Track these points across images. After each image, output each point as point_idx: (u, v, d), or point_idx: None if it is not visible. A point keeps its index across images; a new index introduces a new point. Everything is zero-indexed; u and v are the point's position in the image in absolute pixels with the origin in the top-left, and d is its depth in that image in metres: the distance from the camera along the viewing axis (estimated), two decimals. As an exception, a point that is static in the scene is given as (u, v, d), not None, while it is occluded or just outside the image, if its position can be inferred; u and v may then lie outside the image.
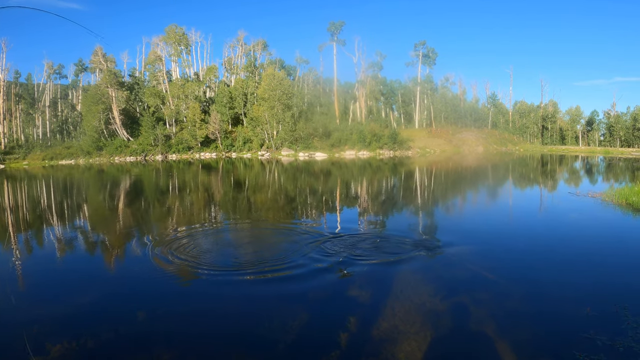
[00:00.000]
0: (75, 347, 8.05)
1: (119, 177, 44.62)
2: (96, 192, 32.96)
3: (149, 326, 9.10)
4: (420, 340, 8.47)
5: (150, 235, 17.18)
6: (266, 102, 76.59)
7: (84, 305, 10.06)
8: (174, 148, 73.86)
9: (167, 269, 12.47)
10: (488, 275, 12.18)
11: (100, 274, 12.82)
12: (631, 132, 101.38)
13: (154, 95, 79.96)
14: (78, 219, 22.28)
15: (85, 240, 17.37)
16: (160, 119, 76.54)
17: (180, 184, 37.93)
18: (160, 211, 23.95)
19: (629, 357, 7.56)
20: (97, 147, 69.87)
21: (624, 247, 15.33)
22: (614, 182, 34.66)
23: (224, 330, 8.98)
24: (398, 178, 44.96)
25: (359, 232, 18.29)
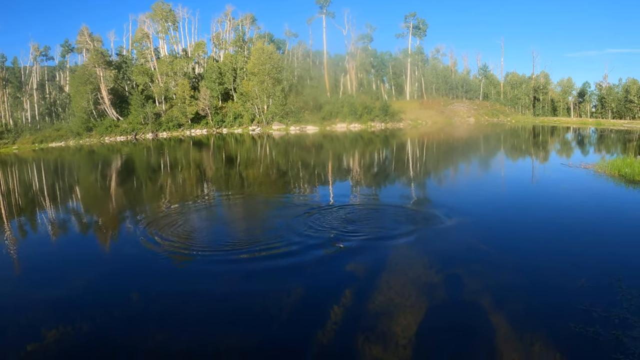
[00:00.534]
0: (71, 331, 8.01)
1: (110, 157, 44.28)
2: (87, 173, 32.76)
3: (143, 307, 9.09)
4: (415, 313, 8.50)
5: (143, 215, 17.11)
6: (256, 76, 75.91)
7: (78, 288, 10.00)
8: (164, 126, 73.29)
9: (160, 249, 12.39)
10: (482, 246, 12.22)
11: (93, 255, 12.72)
12: (623, 103, 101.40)
13: (142, 73, 79.05)
14: (70, 201, 22.16)
15: (78, 222, 17.29)
16: (150, 97, 75.71)
17: (172, 161, 37.70)
18: (152, 190, 23.87)
19: (625, 328, 7.58)
20: (87, 128, 69.10)
21: (617, 218, 15.37)
22: (605, 154, 34.66)
23: (218, 309, 8.94)
24: (390, 150, 44.93)
25: (352, 204, 18.33)
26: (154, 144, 56.57)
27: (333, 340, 7.70)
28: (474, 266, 10.80)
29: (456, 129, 73.07)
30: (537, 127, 77.68)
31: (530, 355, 7.07)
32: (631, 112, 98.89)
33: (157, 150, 49.81)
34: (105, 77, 74.79)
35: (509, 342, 7.43)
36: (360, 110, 79.41)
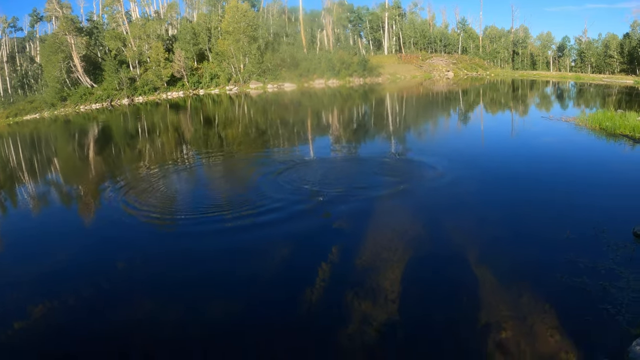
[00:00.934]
0: (57, 306, 7.93)
1: (86, 125, 43.25)
2: (64, 144, 32.05)
3: (128, 276, 9.02)
4: (403, 268, 8.59)
5: (123, 182, 16.80)
6: (231, 35, 74.59)
7: (62, 261, 9.86)
8: (140, 90, 72.00)
9: (143, 216, 12.24)
10: (467, 200, 12.35)
11: (75, 227, 12.56)
12: (602, 58, 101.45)
13: (114, 38, 77.17)
14: (48, 174, 21.70)
15: (58, 194, 17.02)
16: (123, 62, 74.12)
17: (149, 126, 37.08)
18: (130, 156, 23.52)
19: (611, 279, 7.71)
20: (61, 98, 67.47)
21: (600, 171, 15.59)
22: (585, 108, 34.80)
23: (204, 274, 8.91)
24: (369, 105, 44.80)
25: (332, 158, 18.46)
26: (130, 109, 55.58)
27: (322, 298, 7.76)
28: (459, 220, 10.93)
29: (435, 83, 72.81)
30: (516, 81, 77.73)
31: (519, 306, 7.16)
32: (610, 67, 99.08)
33: (134, 115, 48.83)
34: (77, 45, 72.87)
35: (497, 294, 7.55)
36: (338, 66, 78.51)
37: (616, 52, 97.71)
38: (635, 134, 20.97)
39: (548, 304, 7.11)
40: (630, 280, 7.63)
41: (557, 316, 6.79)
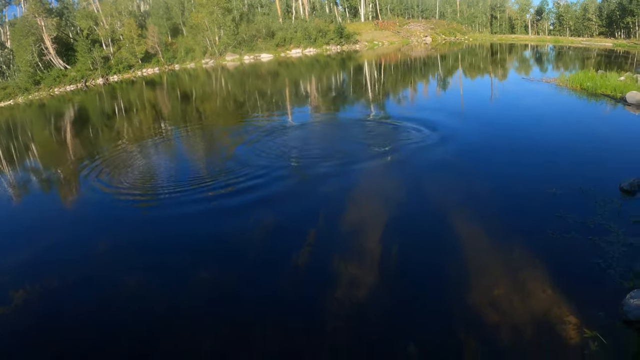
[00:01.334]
0: (38, 290, 7.80)
1: (61, 108, 42.36)
2: (39, 129, 31.31)
3: (110, 256, 8.81)
4: (388, 229, 8.61)
5: (100, 162, 16.26)
6: (204, 8, 73.52)
7: (44, 249, 9.53)
8: (114, 69, 70.90)
9: (121, 195, 12.02)
10: (453, 161, 12.38)
11: (52, 210, 12.26)
12: (581, 21, 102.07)
13: (85, 17, 75.72)
14: (26, 159, 20.96)
15: (38, 179, 16.51)
16: (96, 41, 72.78)
17: (126, 104, 36.30)
18: (107, 136, 22.99)
19: (600, 234, 7.71)
20: (35, 82, 66.10)
21: (584, 129, 15.64)
22: (565, 70, 34.77)
23: (187, 251, 8.70)
24: (347, 72, 44.62)
25: (312, 123, 18.46)
26: (105, 89, 54.65)
27: (308, 264, 7.73)
28: (447, 179, 11.05)
29: (413, 49, 72.61)
30: (494, 45, 77.79)
31: (510, 263, 7.17)
32: (589, 30, 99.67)
33: (109, 94, 48.14)
34: (48, 26, 71.30)
35: (488, 252, 7.56)
36: (315, 34, 77.81)
37: (595, 16, 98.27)
38: (616, 94, 20.99)
39: (539, 260, 7.11)
40: (619, 235, 7.65)
41: (549, 272, 6.78)
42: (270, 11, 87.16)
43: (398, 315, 6.30)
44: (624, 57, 48.66)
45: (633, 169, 10.55)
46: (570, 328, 5.60)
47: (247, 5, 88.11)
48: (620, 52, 56.76)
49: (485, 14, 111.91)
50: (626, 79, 23.25)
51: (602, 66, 34.68)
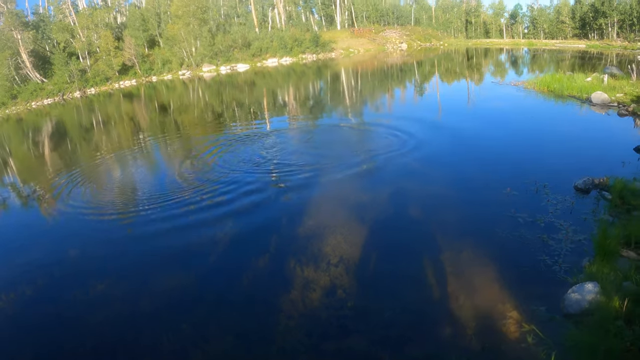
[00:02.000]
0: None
1: (39, 122, 41.74)
2: (18, 143, 31.01)
3: (77, 272, 8.79)
4: (345, 232, 8.82)
5: (80, 175, 16.11)
6: (180, 19, 73.37)
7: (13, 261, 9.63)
8: (91, 81, 70.36)
9: (94, 210, 11.93)
10: (413, 164, 12.70)
11: (27, 226, 12.00)
12: (554, 24, 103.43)
13: (62, 30, 75.13)
14: (3, 175, 21.00)
15: (17, 196, 15.84)
16: (73, 54, 72.25)
17: (103, 117, 36.02)
18: (85, 149, 22.72)
19: (550, 231, 8.04)
20: (12, 96, 65.30)
21: (546, 130, 16.06)
22: (539, 73, 35.38)
23: (157, 266, 8.67)
24: (323, 81, 44.84)
25: (285, 131, 18.78)
26: (83, 102, 54.04)
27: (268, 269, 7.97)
28: (405, 182, 11.29)
29: (389, 56, 73.12)
30: (470, 50, 78.50)
31: (459, 262, 7.43)
32: (563, 32, 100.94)
33: (87, 107, 47.71)
34: (24, 40, 70.63)
35: (438, 251, 7.81)
36: (291, 43, 78.10)
37: (568, 18, 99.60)
38: (582, 95, 21.49)
39: (487, 258, 7.40)
40: (568, 232, 7.97)
41: (496, 270, 7.07)
42: (247, 21, 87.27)
43: (350, 312, 6.55)
44: (597, 58, 49.56)
45: (590, 168, 10.98)
46: (510, 323, 5.87)
47: (223, 15, 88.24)
48: (593, 53, 57.76)
49: (460, 19, 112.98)
50: (592, 80, 23.86)
51: (576, 68, 35.41)
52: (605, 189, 9.64)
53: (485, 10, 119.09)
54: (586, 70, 31.01)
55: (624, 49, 62.92)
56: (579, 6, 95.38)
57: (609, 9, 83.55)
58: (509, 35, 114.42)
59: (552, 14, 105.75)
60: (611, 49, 63.57)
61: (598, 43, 76.97)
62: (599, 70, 30.58)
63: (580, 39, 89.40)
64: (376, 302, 6.72)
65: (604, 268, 6.58)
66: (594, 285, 6.06)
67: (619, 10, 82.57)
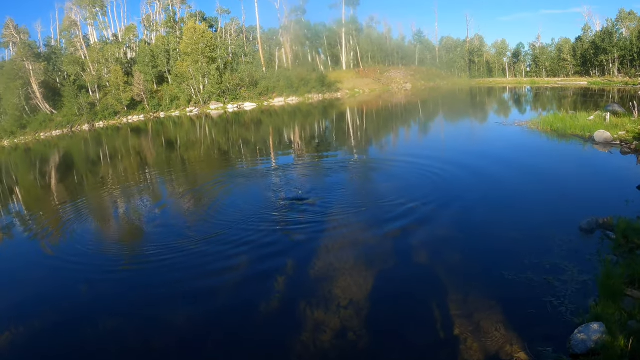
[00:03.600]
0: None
1: (47, 153, 42.14)
2: (25, 173, 31.25)
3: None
4: (354, 275, 8.84)
5: (83, 210, 16.35)
6: (189, 57, 74.47)
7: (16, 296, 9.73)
8: (100, 115, 70.97)
9: (104, 249, 11.82)
10: (419, 207, 12.58)
11: (31, 260, 11.82)
12: (556, 62, 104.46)
13: (73, 63, 76.20)
14: (10, 204, 20.51)
15: (21, 224, 16.10)
16: (83, 87, 73.03)
17: (111, 151, 36.32)
18: (92, 182, 22.83)
19: (556, 273, 8.09)
20: (21, 126, 65.80)
21: (550, 170, 16.11)
22: (542, 111, 35.66)
23: (165, 307, 8.78)
24: (330, 120, 45.12)
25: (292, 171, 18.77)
26: (91, 135, 54.54)
27: (277, 309, 7.97)
28: (411, 226, 11.23)
29: (394, 96, 73.81)
30: (473, 89, 79.32)
31: (466, 305, 7.45)
32: (565, 70, 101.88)
33: (95, 141, 47.99)
34: (35, 71, 71.59)
35: (446, 294, 7.83)
36: (297, 83, 78.96)
37: (569, 55, 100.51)
38: (585, 134, 21.72)
39: (494, 301, 7.42)
40: (574, 273, 8.02)
41: (502, 312, 7.11)
42: (254, 60, 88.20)
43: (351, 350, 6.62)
44: (599, 94, 49.88)
45: (594, 207, 11.06)
46: (518, 364, 5.87)
47: (231, 54, 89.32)
48: (595, 90, 58.26)
49: (464, 58, 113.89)
50: (595, 118, 24.14)
51: (578, 105, 35.75)
52: (610, 228, 9.71)
53: (488, 50, 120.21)
54: (588, 108, 31.30)
55: (625, 84, 63.68)
56: (579, 44, 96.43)
57: (609, 46, 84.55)
58: (512, 73, 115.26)
59: (554, 52, 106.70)
60: (613, 85, 64.29)
61: (600, 80, 77.89)
62: (601, 107, 30.84)
63: (582, 76, 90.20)
64: (384, 344, 6.80)
65: (609, 308, 6.63)
66: (599, 325, 6.12)
67: (619, 46, 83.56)
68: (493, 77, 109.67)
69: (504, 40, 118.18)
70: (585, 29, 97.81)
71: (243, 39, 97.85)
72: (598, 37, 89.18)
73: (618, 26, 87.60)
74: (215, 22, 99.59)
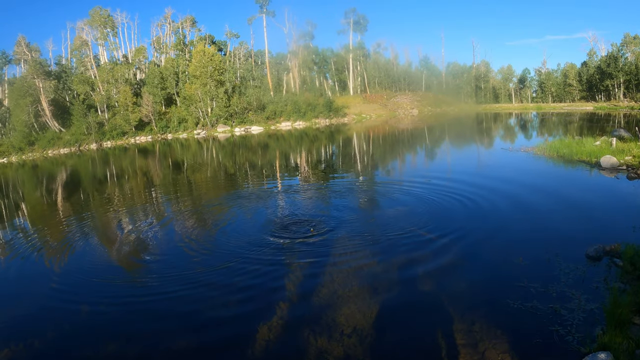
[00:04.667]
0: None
1: (54, 170, 42.32)
2: (31, 190, 31.43)
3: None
4: (359, 303, 8.74)
5: (87, 229, 16.45)
6: (198, 79, 75.20)
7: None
8: (108, 135, 71.48)
9: (92, 269, 11.80)
10: (424, 234, 12.46)
11: (41, 276, 11.86)
12: (562, 87, 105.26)
13: (82, 82, 77.05)
14: (16, 220, 20.73)
15: (25, 242, 15.72)
16: (92, 106, 73.69)
17: (118, 171, 36.57)
18: (98, 202, 22.85)
19: (562, 301, 8.00)
20: (29, 142, 66.32)
21: (556, 196, 15.98)
22: (548, 137, 35.82)
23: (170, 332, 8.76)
24: (336, 145, 45.17)
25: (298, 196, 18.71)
26: (98, 155, 54.84)
27: (280, 336, 7.89)
28: (416, 252, 11.15)
29: (400, 121, 74.06)
30: (480, 115, 79.53)
31: (471, 334, 7.35)
32: (570, 95, 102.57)
33: (102, 160, 48.13)
34: (45, 88, 72.34)
35: (451, 323, 7.74)
36: (304, 107, 79.57)
37: (575, 81, 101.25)
38: (591, 159, 21.77)
39: (500, 330, 7.35)
40: (581, 301, 7.94)
41: (508, 341, 7.05)
42: (262, 84, 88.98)
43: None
44: (605, 119, 50.13)
45: (601, 234, 11.03)
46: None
47: (239, 78, 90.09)
48: (601, 114, 58.47)
49: (470, 84, 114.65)
50: (601, 144, 24.21)
51: (584, 130, 35.82)
52: (617, 255, 9.63)
53: (494, 76, 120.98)
54: (594, 133, 31.41)
55: (630, 109, 64.17)
56: (585, 68, 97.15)
57: (614, 70, 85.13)
58: (518, 99, 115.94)
59: (560, 77, 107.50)
60: (618, 110, 64.75)
61: (605, 104, 78.50)
62: (607, 132, 30.95)
63: (587, 101, 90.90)
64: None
65: (616, 337, 6.54)
66: (606, 355, 6.05)
67: (624, 71, 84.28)
68: (499, 103, 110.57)
69: (510, 66, 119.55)
70: (590, 53, 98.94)
71: (251, 62, 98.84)
72: (603, 62, 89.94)
73: (623, 51, 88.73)
74: (224, 46, 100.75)
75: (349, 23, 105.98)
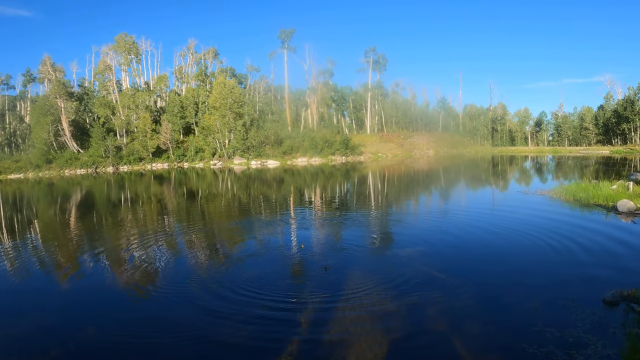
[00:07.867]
0: None
1: (69, 190, 43.04)
2: (46, 207, 31.77)
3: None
4: (370, 341, 8.56)
5: (98, 250, 16.58)
6: (217, 110, 76.19)
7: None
8: (125, 159, 72.42)
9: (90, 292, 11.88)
10: (439, 274, 12.31)
11: (45, 292, 11.90)
12: (578, 131, 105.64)
13: (103, 106, 78.50)
14: (28, 238, 20.58)
15: (38, 260, 15.59)
16: (111, 130, 75.01)
17: (132, 195, 36.98)
18: (110, 225, 23.00)
19: (579, 347, 7.79)
20: (47, 160, 67.52)
21: (573, 241, 15.68)
22: (564, 180, 35.69)
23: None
24: (351, 183, 45.16)
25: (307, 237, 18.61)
26: (114, 178, 55.38)
27: None
28: (430, 293, 10.88)
29: (416, 161, 74.03)
30: (496, 157, 79.46)
31: None
32: (587, 138, 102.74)
33: (118, 184, 48.64)
34: (67, 109, 73.75)
35: None
36: (321, 144, 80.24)
37: (591, 124, 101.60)
38: (608, 203, 21.59)
39: None
40: (597, 347, 7.73)
41: None
42: (280, 119, 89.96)
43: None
44: (621, 163, 49.82)
45: (618, 279, 10.87)
46: None
47: (258, 111, 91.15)
48: (617, 158, 58.15)
49: (487, 126, 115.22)
50: (618, 188, 24.05)
51: (600, 174, 35.63)
52: (634, 300, 9.44)
53: (510, 118, 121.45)
54: (611, 177, 31.22)
55: (647, 152, 63.63)
56: (601, 112, 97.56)
57: (631, 114, 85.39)
58: (534, 142, 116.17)
59: (576, 121, 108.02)
60: (635, 154, 64.59)
61: (622, 148, 78.33)
62: (624, 176, 30.78)
63: (604, 145, 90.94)
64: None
65: (634, 383, 6.37)
66: (624, 401, 5.91)
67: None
68: (515, 146, 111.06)
69: (527, 109, 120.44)
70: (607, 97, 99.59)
71: (271, 97, 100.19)
72: (620, 105, 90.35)
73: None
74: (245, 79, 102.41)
75: (369, 62, 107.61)
